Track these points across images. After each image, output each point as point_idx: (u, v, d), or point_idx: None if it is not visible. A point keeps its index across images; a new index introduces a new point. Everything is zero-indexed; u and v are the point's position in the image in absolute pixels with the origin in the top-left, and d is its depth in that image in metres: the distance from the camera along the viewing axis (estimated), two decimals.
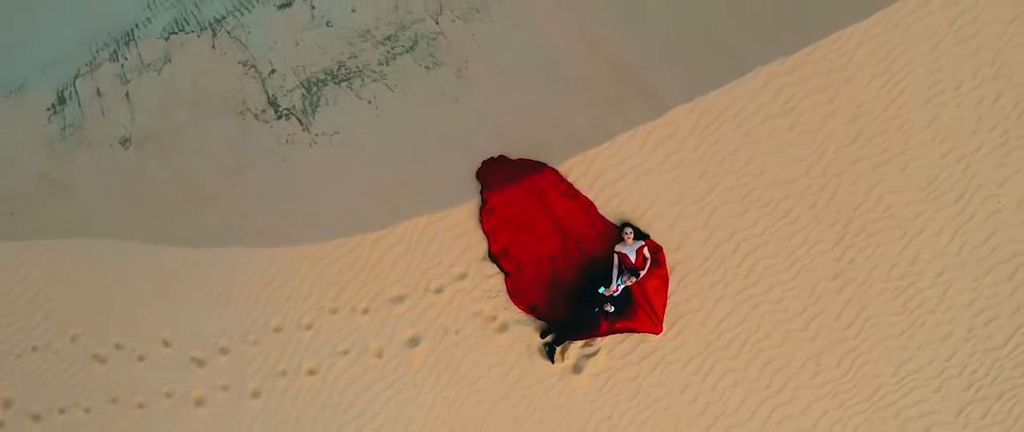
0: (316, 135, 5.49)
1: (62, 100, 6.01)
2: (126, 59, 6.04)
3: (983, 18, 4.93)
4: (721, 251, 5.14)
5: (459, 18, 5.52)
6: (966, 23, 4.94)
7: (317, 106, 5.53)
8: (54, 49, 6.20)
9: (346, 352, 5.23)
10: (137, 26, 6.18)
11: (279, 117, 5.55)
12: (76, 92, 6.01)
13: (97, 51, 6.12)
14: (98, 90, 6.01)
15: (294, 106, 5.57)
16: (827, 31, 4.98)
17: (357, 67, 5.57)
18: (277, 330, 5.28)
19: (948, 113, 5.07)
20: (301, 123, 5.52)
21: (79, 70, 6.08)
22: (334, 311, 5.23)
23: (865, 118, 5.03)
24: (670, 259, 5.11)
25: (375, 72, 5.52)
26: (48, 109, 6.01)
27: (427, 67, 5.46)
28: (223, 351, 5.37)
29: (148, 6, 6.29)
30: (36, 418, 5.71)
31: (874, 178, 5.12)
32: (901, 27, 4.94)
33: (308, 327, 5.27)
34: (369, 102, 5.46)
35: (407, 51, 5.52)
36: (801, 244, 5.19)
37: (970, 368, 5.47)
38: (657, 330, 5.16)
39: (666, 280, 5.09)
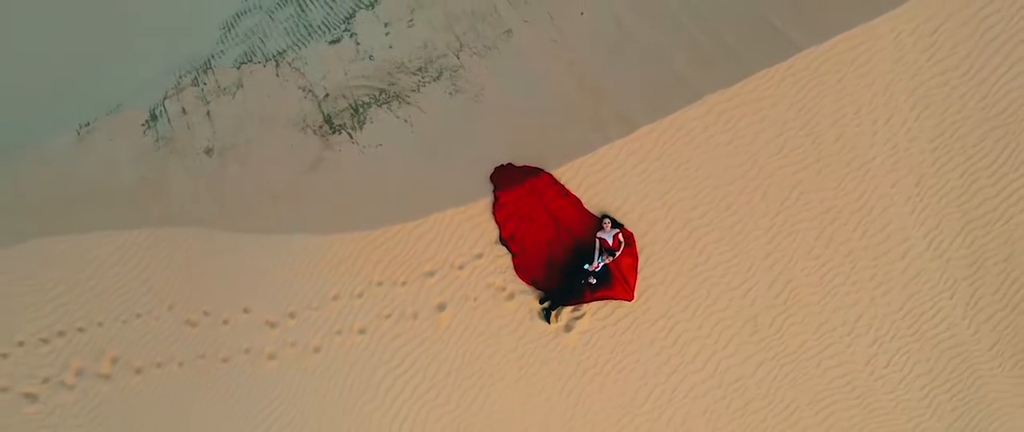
0: (363, 146, 6.90)
1: (154, 117, 7.40)
2: (205, 84, 7.44)
3: (875, 60, 6.43)
4: (678, 237, 6.60)
5: (476, 55, 6.96)
6: (862, 63, 6.44)
7: (363, 123, 6.95)
8: (145, 75, 7.57)
9: (389, 315, 6.65)
10: (213, 57, 7.58)
11: (333, 131, 6.97)
12: (165, 111, 7.41)
13: (181, 77, 7.52)
14: (183, 109, 7.41)
15: (345, 123, 6.99)
16: (758, 68, 6.44)
17: (395, 92, 7.00)
18: (335, 298, 6.69)
19: (850, 131, 6.57)
20: (351, 137, 6.94)
21: (167, 93, 7.47)
22: (380, 283, 6.64)
23: (787, 134, 6.51)
24: (639, 243, 6.58)
25: (409, 97, 6.95)
26: (143, 124, 7.40)
27: (450, 93, 6.89)
28: (291, 315, 6.78)
29: (221, 40, 7.70)
30: (138, 371, 7.09)
31: (795, 180, 6.60)
32: (814, 66, 6.43)
33: (359, 296, 6.68)
34: (405, 120, 6.89)
35: (434, 80, 6.95)
36: (740, 232, 6.66)
37: (874, 328, 6.98)
38: (630, 298, 6.59)
39: (636, 259, 6.52)
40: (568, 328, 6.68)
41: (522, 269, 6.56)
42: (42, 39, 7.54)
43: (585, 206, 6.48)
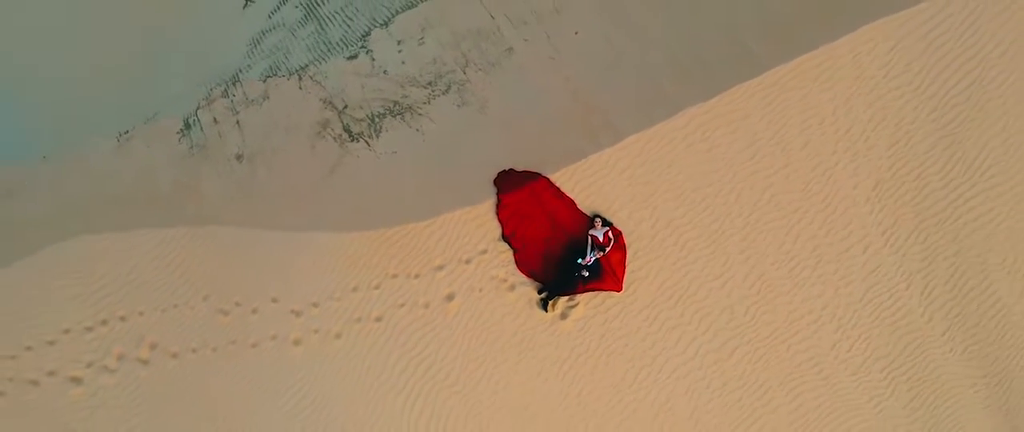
0: (379, 153, 7.64)
1: (188, 126, 8.13)
2: (235, 95, 8.17)
3: (837, 76, 7.20)
4: (662, 234, 7.37)
5: (480, 70, 7.71)
6: (825, 79, 7.20)
7: (379, 132, 7.69)
8: (179, 88, 8.29)
9: (403, 305, 7.40)
10: (241, 71, 8.31)
11: (352, 139, 7.72)
12: (198, 120, 8.14)
13: (212, 89, 8.24)
14: (215, 118, 8.14)
15: (362, 132, 7.74)
16: (733, 84, 7.21)
17: (407, 104, 7.75)
18: (354, 290, 7.43)
19: (815, 139, 7.34)
20: (367, 144, 7.69)
21: (199, 103, 8.19)
22: (395, 276, 7.39)
23: (758, 143, 7.28)
24: (627, 239, 7.33)
25: (420, 108, 7.70)
26: (178, 132, 8.13)
27: (457, 105, 7.64)
28: (315, 305, 7.52)
29: (248, 55, 8.43)
30: (174, 356, 7.82)
31: (766, 184, 7.38)
32: (782, 82, 7.19)
33: (376, 287, 7.42)
34: (417, 130, 7.64)
35: (443, 93, 7.70)
36: (717, 230, 7.43)
37: (838, 316, 7.75)
38: (618, 289, 7.35)
39: (624, 253, 7.28)
40: (563, 316, 7.44)
41: (522, 263, 7.30)
42: (84, 55, 8.26)
43: (578, 207, 7.22)
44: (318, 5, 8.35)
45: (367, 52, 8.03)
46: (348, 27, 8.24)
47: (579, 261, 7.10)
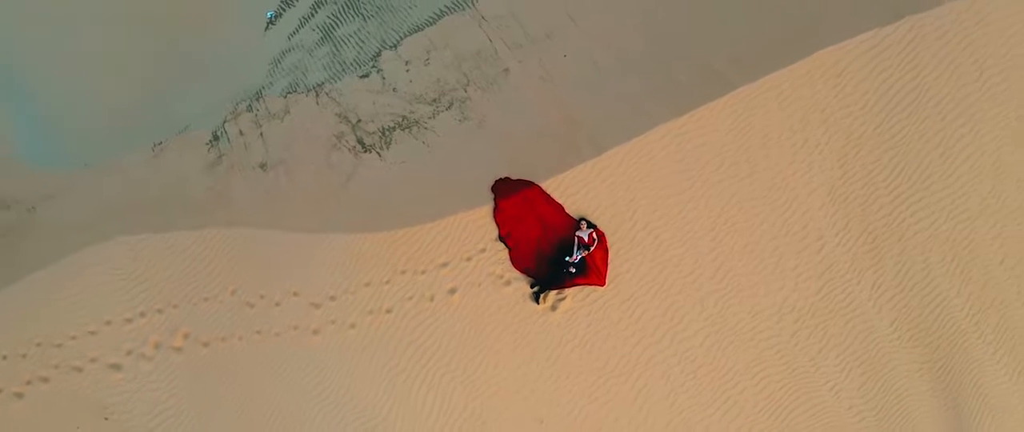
0: (389, 162, 8.51)
1: (216, 137, 9.00)
2: (258, 110, 9.05)
3: (794, 96, 8.15)
4: (640, 236, 8.29)
5: (480, 89, 8.62)
6: (785, 98, 8.15)
7: (389, 144, 8.58)
8: (208, 103, 9.15)
9: (411, 298, 8.29)
10: (264, 88, 9.17)
11: (365, 150, 8.61)
12: (225, 132, 9.01)
13: (237, 104, 9.11)
14: (240, 131, 9.02)
15: (374, 144, 8.63)
16: (703, 102, 8.14)
17: (414, 119, 8.65)
18: (367, 284, 8.30)
19: (775, 152, 8.26)
20: (379, 155, 8.58)
21: (226, 117, 9.06)
22: (403, 272, 8.28)
23: (725, 154, 8.19)
24: (609, 240, 8.26)
25: (426, 123, 8.60)
26: (207, 143, 8.99)
27: (459, 120, 8.54)
28: (332, 298, 8.40)
29: (270, 73, 9.30)
30: (205, 344, 8.67)
31: (732, 190, 8.30)
32: (746, 100, 8.13)
33: (386, 282, 8.30)
34: (423, 142, 8.54)
35: (446, 109, 8.60)
36: (689, 231, 8.34)
37: (797, 308, 8.68)
38: (602, 284, 8.21)
39: (607, 252, 8.21)
40: (553, 308, 8.33)
41: (516, 261, 8.16)
42: (122, 73, 9.13)
43: (566, 211, 8.09)
44: (333, 28, 9.24)
45: (378, 71, 8.92)
46: (361, 49, 9.13)
47: (567, 259, 7.98)
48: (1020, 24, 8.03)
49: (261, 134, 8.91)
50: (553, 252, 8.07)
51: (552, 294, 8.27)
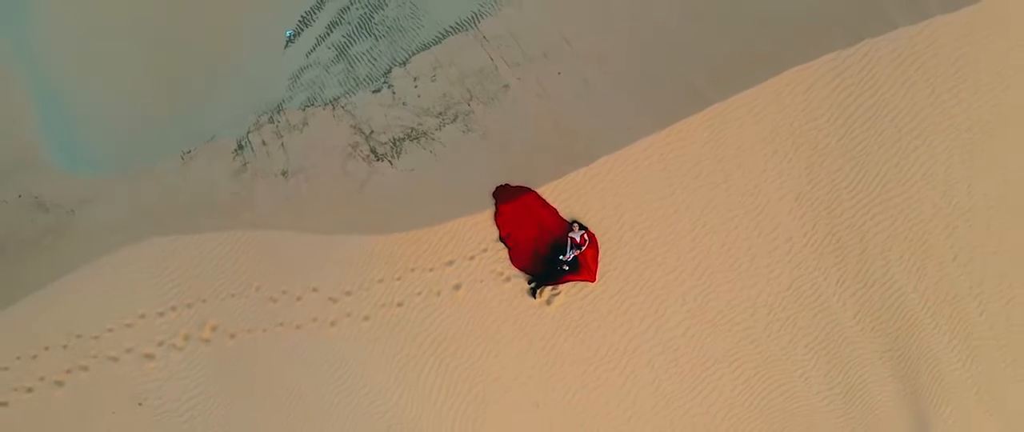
0: (400, 170, 9.32)
1: (241, 147, 9.82)
2: (279, 122, 9.87)
3: (764, 111, 9.05)
4: (627, 236, 9.12)
5: (482, 103, 9.46)
6: (756, 113, 9.03)
7: (400, 153, 9.41)
8: (233, 114, 9.96)
9: (420, 293, 9.12)
10: (284, 101, 9.98)
11: (377, 159, 9.44)
12: (249, 142, 9.82)
13: (260, 116, 9.92)
14: (263, 141, 9.84)
15: (386, 153, 9.46)
16: (684, 115, 8.97)
17: (422, 131, 9.49)
18: (380, 281, 9.12)
19: (748, 161, 9.10)
20: (391, 163, 9.42)
21: (250, 128, 9.88)
22: (413, 269, 9.10)
23: (703, 164, 8.99)
24: (599, 240, 9.09)
25: (433, 134, 9.43)
26: (232, 152, 9.79)
27: (463, 132, 9.38)
28: (347, 293, 9.21)
29: (289, 88, 10.10)
30: (232, 336, 9.49)
31: (709, 196, 9.10)
32: (721, 115, 9.01)
33: (397, 279, 9.12)
34: (430, 152, 9.38)
35: (451, 122, 9.44)
36: (672, 233, 9.15)
37: (769, 302, 9.55)
38: (593, 280, 9.05)
39: (597, 251, 9.03)
40: (548, 302, 9.14)
41: (515, 260, 8.87)
42: (152, 86, 9.96)
43: (560, 214, 8.80)
44: (347, 46, 10.08)
45: (389, 87, 9.77)
46: (373, 66, 9.97)
47: (561, 258, 8.77)
48: (968, 46, 8.94)
49: (282, 144, 9.73)
50: (548, 251, 8.83)
51: (547, 289, 9.05)
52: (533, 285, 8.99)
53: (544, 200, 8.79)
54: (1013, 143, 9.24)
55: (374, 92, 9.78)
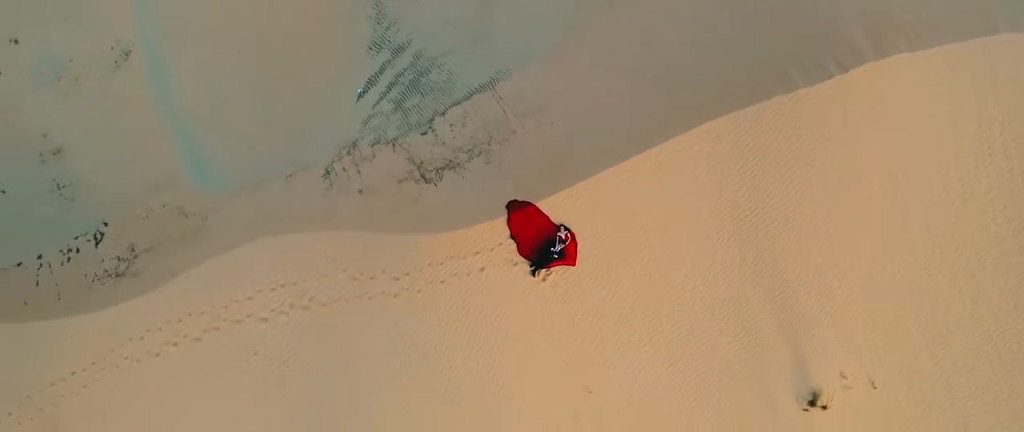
0: (441, 190, 13.27)
1: (327, 172, 13.88)
2: (355, 154, 13.94)
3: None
4: (603, 233, 13.27)
5: (498, 144, 13.56)
6: (696, 156, 13.43)
7: (442, 179, 13.45)
8: (320, 149, 13.97)
9: (457, 274, 13.12)
10: (357, 140, 14.08)
11: (426, 182, 13.57)
12: (334, 169, 13.87)
13: (340, 150, 13.99)
14: (343, 168, 13.91)
15: (432, 178, 13.55)
16: (636, 153, 13.28)
17: (457, 163, 13.60)
18: (429, 265, 13.05)
19: (691, 196, 13.47)
20: (435, 185, 13.53)
21: (334, 159, 13.92)
22: (451, 257, 13.03)
23: (665, 190, 13.32)
24: (578, 238, 13.31)
25: (465, 165, 13.52)
26: (321, 176, 13.82)
27: (485, 163, 13.43)
28: (406, 274, 13.05)
29: (361, 130, 14.17)
30: (324, 305, 13.32)
31: (659, 212, 13.47)
32: (677, 148, 13.33)
33: (441, 264, 12.99)
34: (462, 177, 13.44)
35: (477, 157, 13.57)
36: (629, 235, 13.48)
37: (701, 285, 13.88)
38: (574, 265, 13.15)
39: (577, 245, 13.21)
40: (544, 279, 13.29)
41: (521, 251, 13.02)
42: (263, 126, 14.04)
43: (551, 219, 13.06)
44: (402, 101, 14.21)
45: (433, 131, 13.95)
46: (421, 115, 14.12)
47: (552, 249, 13.05)
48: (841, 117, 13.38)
49: (358, 170, 13.86)
50: (543, 245, 13.11)
51: (543, 271, 12.94)
52: (533, 268, 13.22)
53: (540, 210, 12.93)
54: (857, 178, 13.64)
55: (421, 135, 13.94)
